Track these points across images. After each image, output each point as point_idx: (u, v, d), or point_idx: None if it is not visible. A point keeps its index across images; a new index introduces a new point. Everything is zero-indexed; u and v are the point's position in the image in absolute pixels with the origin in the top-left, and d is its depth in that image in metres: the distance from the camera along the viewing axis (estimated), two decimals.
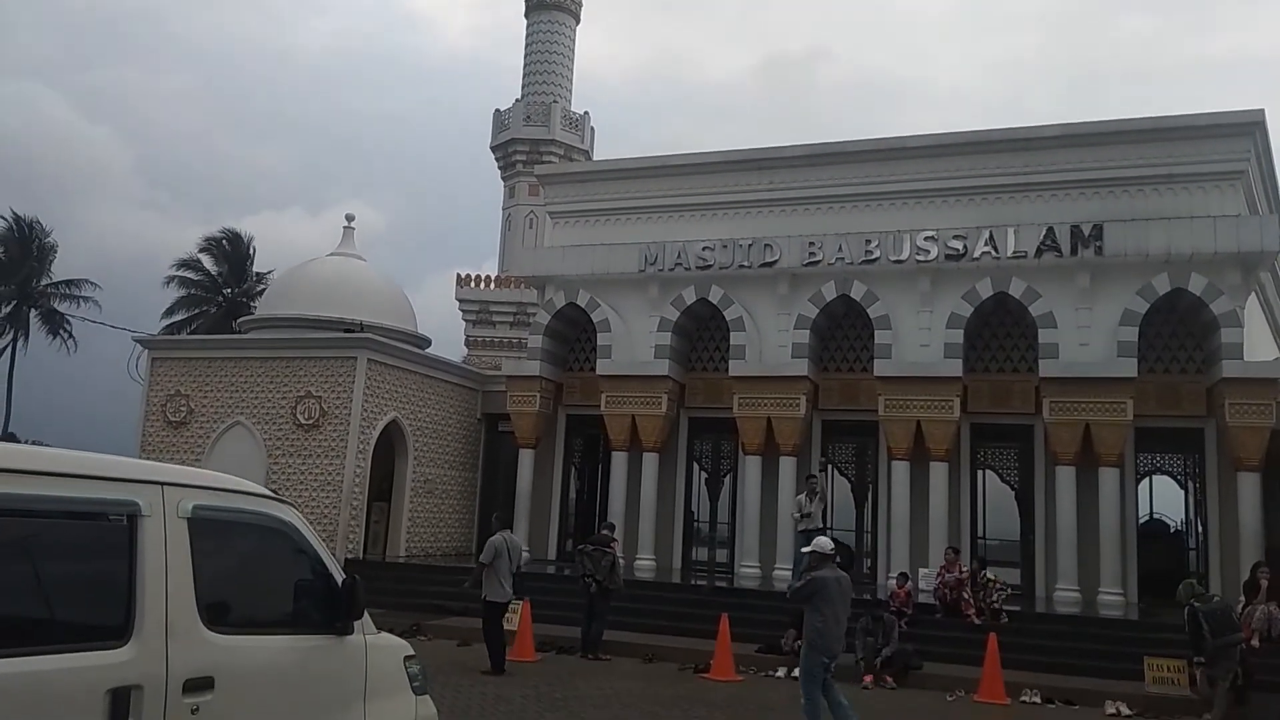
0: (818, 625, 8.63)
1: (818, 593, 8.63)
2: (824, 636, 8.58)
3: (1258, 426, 15.82)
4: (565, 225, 22.20)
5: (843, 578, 8.99)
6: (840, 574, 9.01)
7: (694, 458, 21.06)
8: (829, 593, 8.62)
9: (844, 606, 8.82)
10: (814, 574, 8.80)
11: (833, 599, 8.63)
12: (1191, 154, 17.53)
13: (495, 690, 10.40)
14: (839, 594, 8.70)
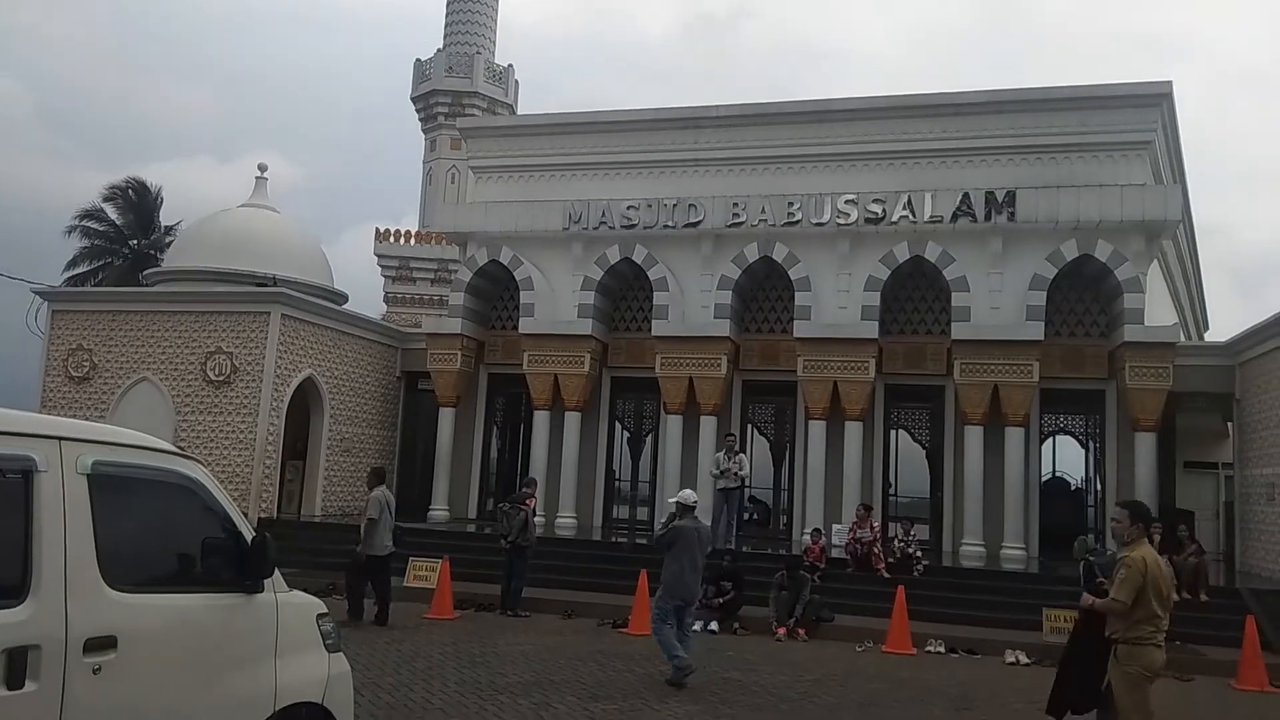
0: (674, 570, 9.26)
1: (677, 540, 9.28)
2: (679, 581, 9.22)
3: (1155, 389, 16.55)
4: (488, 181, 21.86)
5: (702, 528, 9.65)
6: (700, 524, 9.67)
7: (616, 417, 21.14)
8: (688, 541, 9.26)
9: (701, 554, 9.44)
10: (675, 523, 9.44)
11: (690, 547, 9.28)
12: (1102, 123, 18.07)
13: (413, 648, 10.37)
14: (697, 543, 9.35)
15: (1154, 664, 5.98)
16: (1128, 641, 5.96)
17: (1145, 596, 5.89)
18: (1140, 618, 5.91)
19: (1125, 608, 5.91)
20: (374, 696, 8.01)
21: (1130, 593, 5.90)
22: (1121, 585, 5.94)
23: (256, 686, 4.46)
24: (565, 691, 8.59)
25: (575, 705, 8.06)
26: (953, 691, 9.58)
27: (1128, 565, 5.97)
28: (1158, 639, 5.97)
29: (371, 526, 11.95)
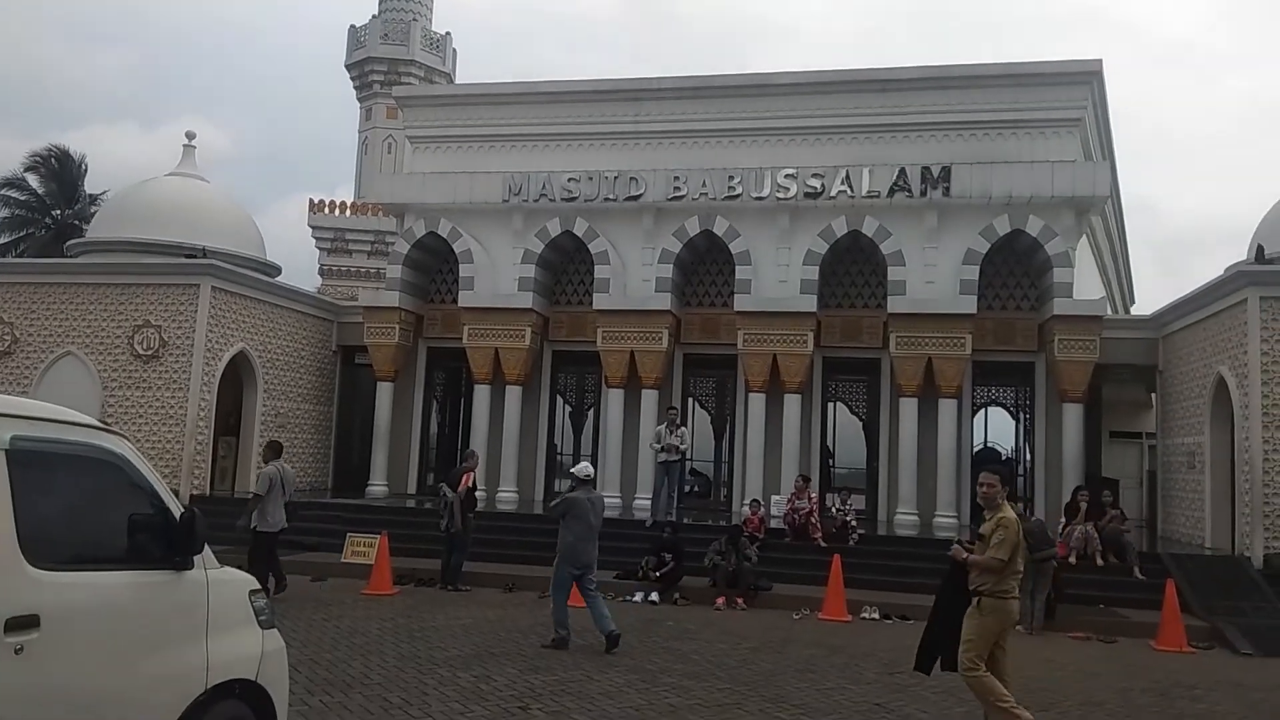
0: (569, 540, 9.62)
1: (570, 510, 9.69)
2: (574, 550, 9.60)
3: (1083, 360, 17.03)
4: (425, 151, 21.50)
5: (595, 498, 10.03)
6: (594, 494, 10.07)
7: (558, 391, 21.10)
8: (580, 511, 9.64)
9: (596, 523, 9.79)
10: (568, 494, 9.94)
11: (584, 516, 9.64)
12: (1035, 100, 18.40)
13: (350, 624, 10.28)
14: (591, 512, 9.72)
15: (1013, 615, 6.60)
16: (994, 595, 6.41)
17: (1017, 554, 6.41)
18: (1008, 573, 6.43)
19: (1002, 565, 6.36)
20: (311, 672, 7.93)
21: (1009, 551, 6.35)
22: (1001, 545, 6.39)
23: (187, 664, 4.39)
24: (506, 664, 8.60)
25: (516, 677, 8.08)
26: (885, 656, 9.80)
27: (1005, 526, 6.44)
28: (1015, 592, 6.56)
29: (257, 502, 11.74)
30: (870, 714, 7.47)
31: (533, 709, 7.08)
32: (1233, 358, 14.78)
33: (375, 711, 6.87)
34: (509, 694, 7.50)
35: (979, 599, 6.46)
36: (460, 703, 7.17)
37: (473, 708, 7.05)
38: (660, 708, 7.32)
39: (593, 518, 9.76)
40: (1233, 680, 9.59)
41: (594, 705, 7.28)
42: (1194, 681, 9.37)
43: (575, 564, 9.63)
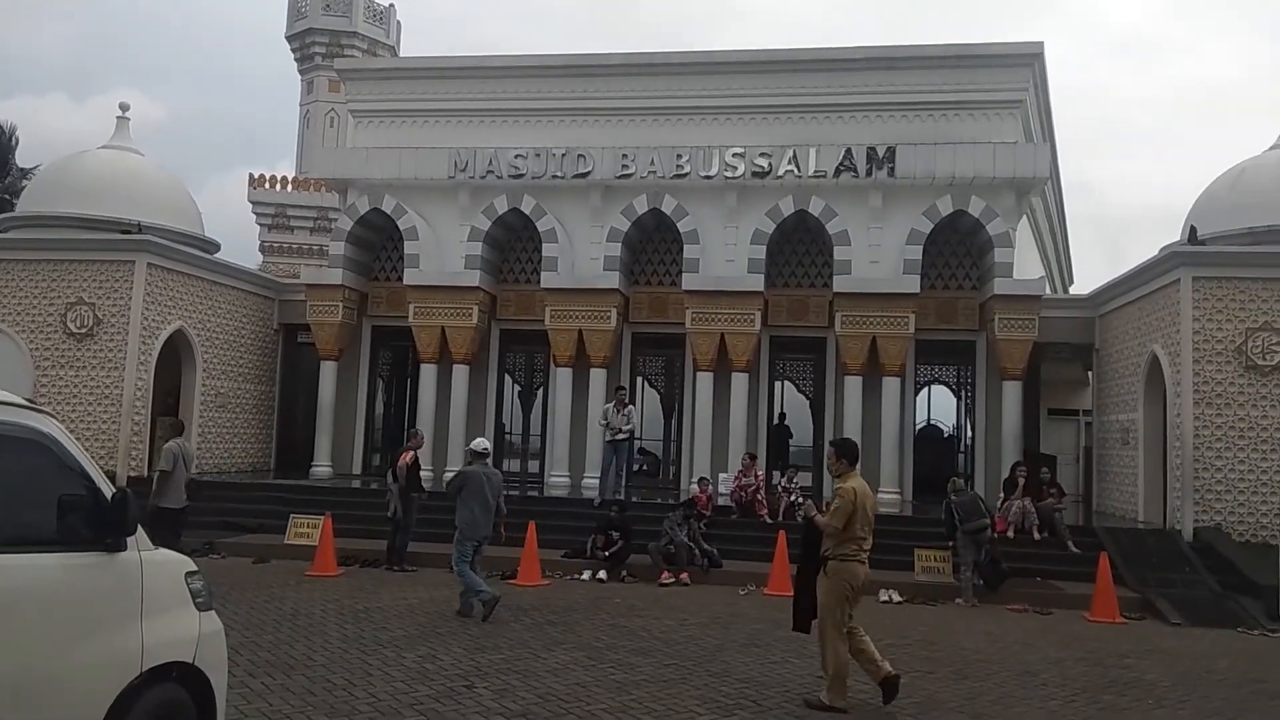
0: (466, 514, 9.94)
1: (465, 486, 9.99)
2: (471, 524, 9.93)
3: (1022, 339, 17.37)
4: (369, 126, 21.11)
5: (491, 473, 10.30)
6: (490, 470, 10.33)
7: (506, 370, 20.98)
8: (476, 485, 9.95)
9: (492, 496, 10.06)
10: (463, 469, 10.20)
11: (480, 491, 9.93)
12: (977, 82, 18.63)
13: (294, 605, 10.16)
14: (486, 486, 9.99)
15: (857, 579, 6.97)
16: (836, 558, 6.91)
17: (854, 521, 6.87)
18: (847, 538, 6.90)
19: (837, 531, 6.88)
20: (252, 655, 7.83)
21: (842, 519, 6.86)
22: (835, 512, 6.91)
23: (121, 648, 4.29)
24: (452, 643, 8.57)
25: (462, 656, 8.06)
26: None
27: (841, 495, 6.93)
28: (861, 557, 6.98)
29: (164, 479, 11.50)
30: (814, 686, 7.56)
31: (478, 687, 7.07)
32: (1166, 336, 15.20)
33: (318, 693, 6.80)
34: (454, 673, 7.47)
35: (825, 563, 6.95)
36: (405, 683, 7.13)
37: (417, 687, 7.01)
38: (606, 684, 7.35)
39: (489, 492, 10.03)
40: (1162, 649, 9.91)
41: (540, 682, 7.29)
42: (1125, 651, 9.67)
43: (474, 537, 9.96)
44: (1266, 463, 14.20)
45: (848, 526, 6.89)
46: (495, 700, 6.74)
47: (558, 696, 6.91)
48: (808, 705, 6.92)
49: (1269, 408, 14.28)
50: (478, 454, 10.36)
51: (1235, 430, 14.32)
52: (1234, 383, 14.38)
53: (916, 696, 7.42)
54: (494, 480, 10.29)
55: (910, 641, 9.63)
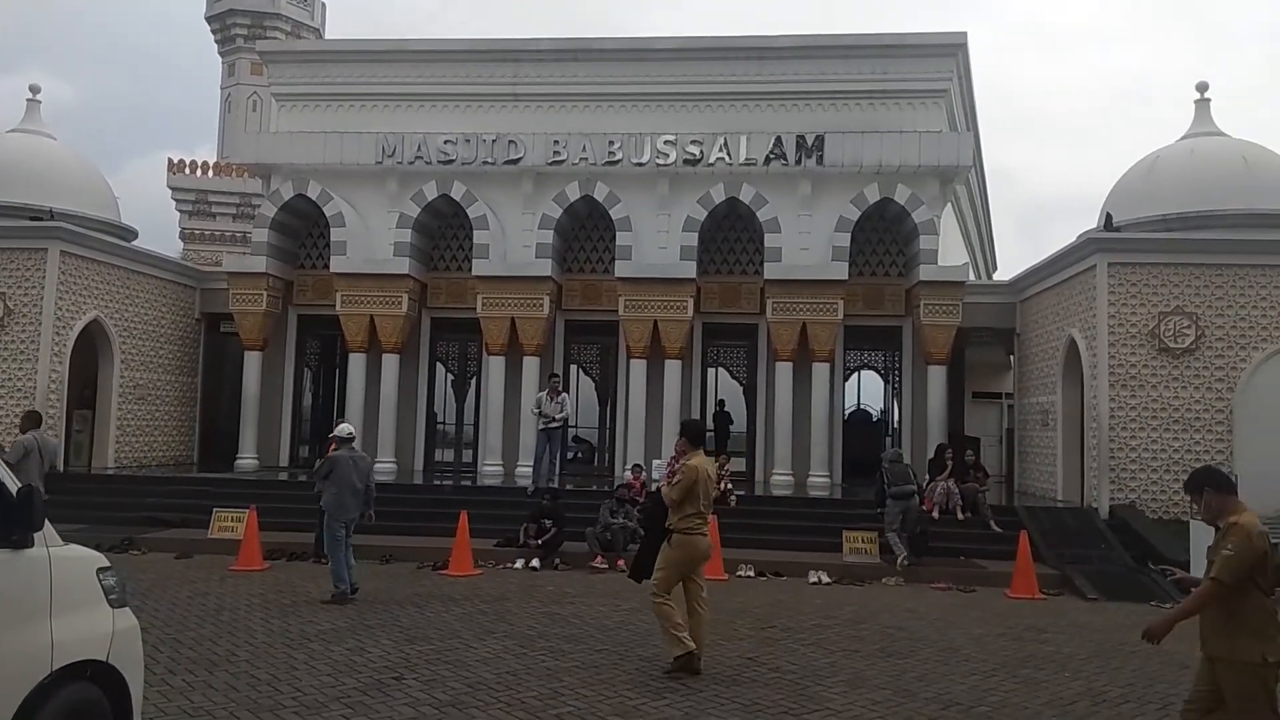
0: (333, 497, 10.28)
1: (334, 469, 10.31)
2: (339, 506, 10.25)
3: (946, 324, 17.75)
4: (293, 109, 20.62)
5: (358, 457, 10.62)
6: (356, 454, 10.63)
7: (438, 359, 20.76)
8: (344, 469, 10.28)
9: (359, 480, 10.37)
10: (331, 454, 10.52)
11: (347, 474, 10.27)
12: (903, 71, 18.94)
13: (217, 601, 9.93)
14: (353, 470, 10.35)
15: (698, 549, 7.48)
16: (679, 530, 7.38)
17: (694, 496, 7.34)
18: (689, 513, 7.37)
19: (675, 503, 7.36)
20: (174, 652, 7.64)
21: (681, 492, 7.34)
22: (675, 485, 7.40)
23: (30, 646, 4.15)
24: (381, 635, 8.47)
25: (391, 648, 7.97)
26: (759, 612, 10.10)
27: (684, 471, 7.43)
28: (703, 530, 7.49)
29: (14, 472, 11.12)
30: (743, 668, 7.68)
31: (407, 679, 7.00)
32: (1083, 321, 15.68)
33: (241, 689, 6.66)
34: (383, 665, 7.39)
35: (671, 534, 7.40)
36: (332, 676, 7.03)
37: (344, 680, 6.91)
38: (537, 671, 7.34)
39: (355, 475, 10.34)
40: (1078, 623, 10.26)
41: (470, 672, 7.25)
42: (1044, 625, 9.98)
43: (342, 519, 10.23)
44: (1178, 442, 14.77)
45: (688, 500, 7.34)
46: (424, 691, 6.69)
47: (487, 685, 6.88)
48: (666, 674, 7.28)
49: (1180, 389, 14.84)
50: (343, 439, 10.62)
51: (1148, 411, 14.86)
52: (1147, 365, 14.91)
53: (844, 675, 7.57)
54: (361, 464, 10.60)
55: (838, 621, 9.80)
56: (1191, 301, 14.90)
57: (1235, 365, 14.77)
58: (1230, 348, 14.81)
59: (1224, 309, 14.85)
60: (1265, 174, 17.09)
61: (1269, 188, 16.84)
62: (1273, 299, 14.79)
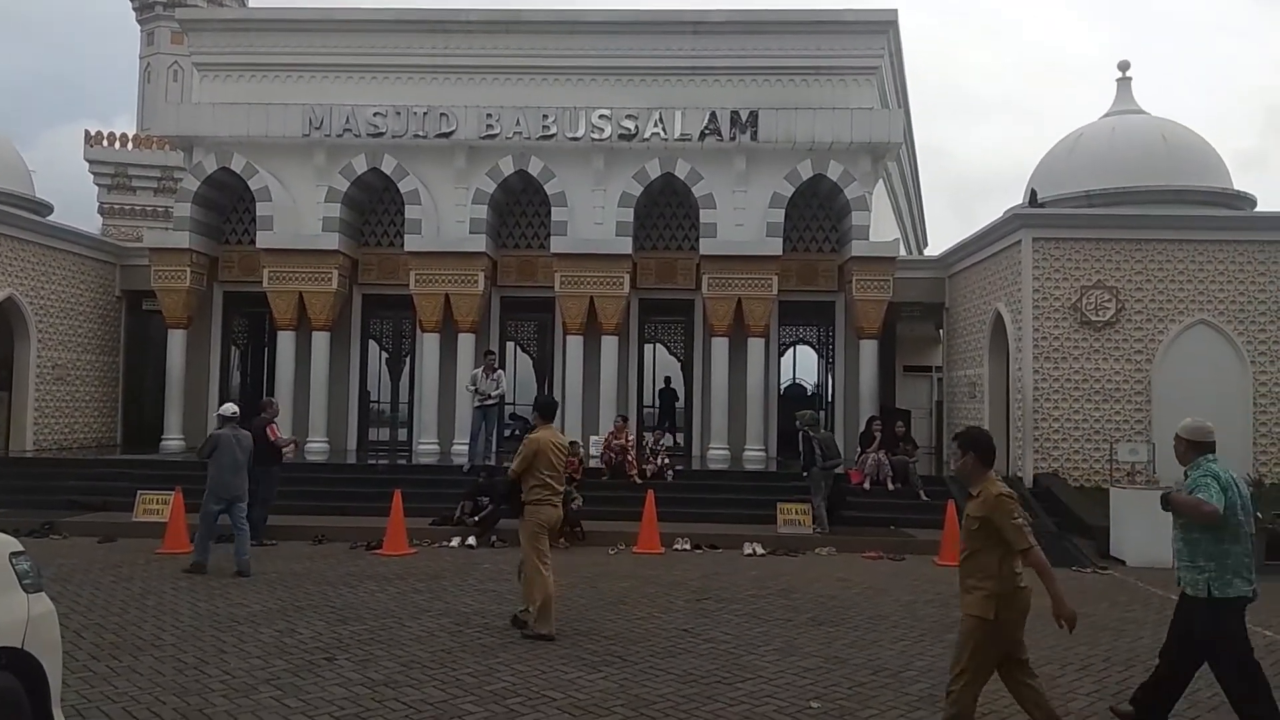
0: (215, 474, 10.62)
1: (216, 449, 10.65)
2: (221, 483, 10.59)
3: (877, 299, 18.02)
4: (215, 80, 19.98)
5: (241, 435, 10.93)
6: (239, 432, 10.94)
7: (371, 336, 20.43)
8: (227, 447, 10.64)
9: (242, 458, 10.74)
10: (213, 433, 10.88)
11: (230, 452, 10.64)
12: (836, 48, 19.06)
13: (142, 585, 9.68)
14: (237, 447, 10.72)
15: (548, 519, 7.83)
16: (528, 502, 7.77)
17: (536, 468, 7.69)
18: (535, 484, 7.74)
19: (517, 473, 7.78)
20: (97, 637, 7.44)
21: (521, 464, 7.74)
22: (517, 459, 7.84)
23: None
24: (313, 616, 8.35)
25: (323, 629, 7.86)
26: (695, 584, 10.21)
27: (525, 444, 7.84)
28: (552, 500, 7.84)
29: None
30: (678, 639, 7.75)
31: (339, 659, 6.92)
32: (1008, 295, 16.05)
33: (167, 673, 6.51)
34: (315, 646, 7.29)
35: (523, 506, 7.83)
36: (261, 658, 6.92)
37: (274, 662, 6.81)
38: (473, 648, 7.32)
39: (238, 452, 10.70)
40: None
41: (404, 650, 7.19)
42: None
43: (224, 497, 10.59)
44: (1099, 412, 15.25)
45: (530, 472, 7.73)
46: (357, 671, 6.62)
47: (421, 663, 6.84)
48: (515, 624, 7.76)
49: (1101, 361, 15.31)
50: (226, 418, 10.96)
51: (1070, 382, 15.30)
52: (1069, 338, 15.34)
53: (777, 643, 7.69)
54: (244, 442, 10.92)
55: (772, 591, 9.95)
56: (1112, 276, 15.35)
57: (1153, 337, 15.27)
58: (1149, 320, 15.30)
59: (1143, 283, 15.33)
60: (1183, 151, 17.64)
61: (1187, 164, 17.40)
62: (1189, 273, 15.31)
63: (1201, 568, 5.39)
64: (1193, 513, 5.36)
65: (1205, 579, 5.37)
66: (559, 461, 7.90)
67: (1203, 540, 5.38)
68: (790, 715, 5.81)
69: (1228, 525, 5.34)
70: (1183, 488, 5.60)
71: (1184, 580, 5.51)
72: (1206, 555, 5.37)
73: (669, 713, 5.85)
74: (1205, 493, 5.32)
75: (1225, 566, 5.34)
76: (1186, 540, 5.47)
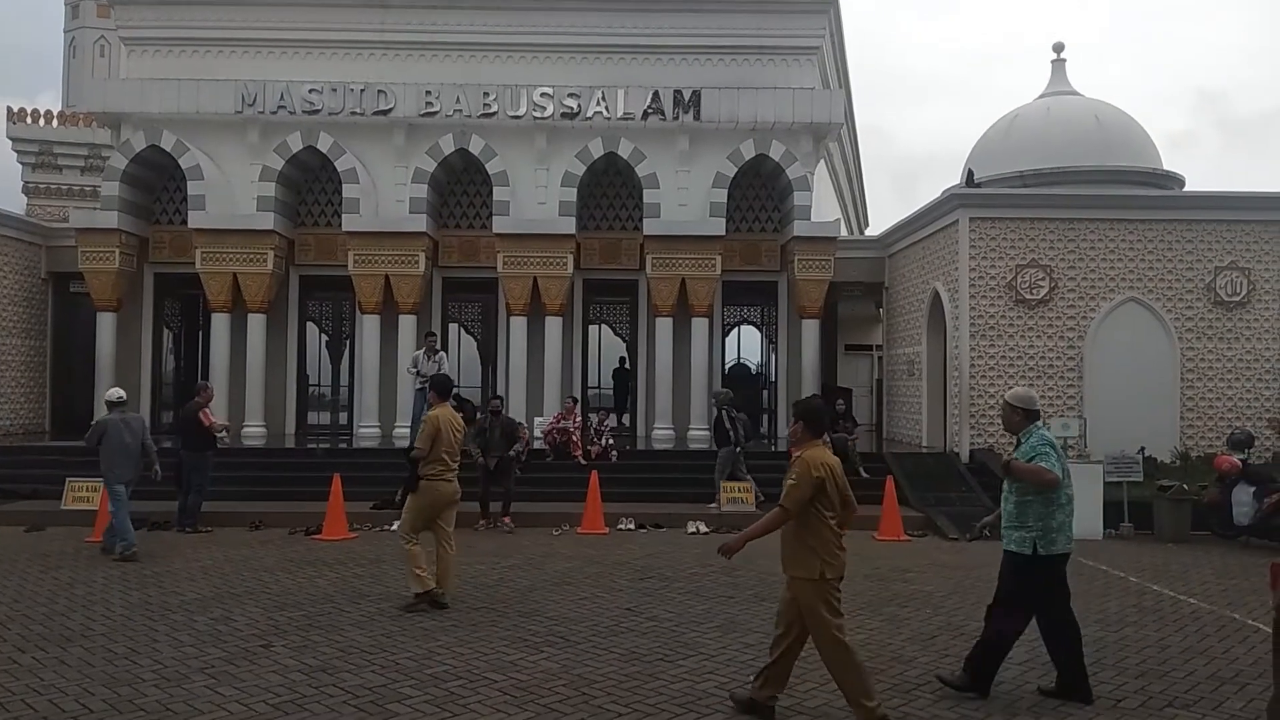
0: (106, 459, 10.64)
1: (105, 434, 10.68)
2: (112, 468, 10.63)
3: (819, 279, 18.18)
4: (144, 55, 19.35)
5: (130, 419, 11.05)
6: (128, 416, 11.06)
7: (309, 318, 20.07)
8: (116, 432, 10.67)
9: (132, 441, 10.75)
10: (101, 418, 10.96)
11: (119, 436, 10.66)
12: (776, 28, 19.09)
13: (71, 575, 9.42)
14: (126, 431, 10.74)
15: (444, 495, 8.18)
16: (424, 477, 8.13)
17: (437, 446, 8.04)
18: (433, 459, 8.07)
19: (423, 454, 8.09)
20: (23, 629, 7.22)
21: (426, 442, 8.07)
22: (421, 437, 8.15)
23: None
24: (249, 603, 8.20)
25: (259, 615, 7.73)
26: (638, 563, 10.24)
27: (426, 421, 8.16)
28: (447, 476, 8.18)
29: None
30: (621, 618, 7.77)
31: (276, 646, 6.81)
32: (946, 274, 16.30)
33: (97, 664, 6.35)
34: (250, 633, 7.16)
35: (418, 481, 8.12)
36: (195, 646, 6.78)
37: (209, 650, 6.67)
38: (413, 632, 7.26)
39: (127, 436, 10.73)
40: (940, 563, 10.77)
41: (343, 636, 7.10)
42: (908, 566, 10.44)
43: (119, 480, 10.60)
44: (1033, 388, 15.55)
45: (433, 449, 8.03)
46: (294, 657, 6.52)
47: (360, 648, 6.76)
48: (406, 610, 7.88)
49: (1035, 338, 15.64)
50: (113, 403, 11.01)
51: (1006, 360, 15.62)
52: (1005, 316, 15.64)
53: (718, 620, 7.75)
54: (133, 425, 10.97)
55: (714, 569, 10.01)
56: (1046, 254, 15.66)
57: (1085, 315, 15.64)
58: (1081, 298, 15.66)
59: (1075, 261, 15.67)
60: (1115, 132, 18.06)
61: (1118, 145, 17.82)
62: (1120, 251, 15.69)
63: (1030, 528, 5.75)
64: (1035, 480, 5.69)
65: (1032, 538, 5.73)
66: (456, 439, 8.23)
67: (1035, 503, 5.74)
68: (732, 690, 5.86)
69: (1061, 489, 5.71)
70: (1019, 455, 5.88)
71: (1011, 539, 5.85)
72: (1036, 516, 5.74)
73: (611, 691, 5.86)
74: (1046, 461, 5.67)
75: (1050, 526, 5.73)
76: (1019, 504, 5.81)
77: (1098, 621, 7.90)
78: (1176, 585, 9.53)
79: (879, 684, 6.05)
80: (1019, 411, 5.99)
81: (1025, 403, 6.00)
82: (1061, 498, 5.73)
